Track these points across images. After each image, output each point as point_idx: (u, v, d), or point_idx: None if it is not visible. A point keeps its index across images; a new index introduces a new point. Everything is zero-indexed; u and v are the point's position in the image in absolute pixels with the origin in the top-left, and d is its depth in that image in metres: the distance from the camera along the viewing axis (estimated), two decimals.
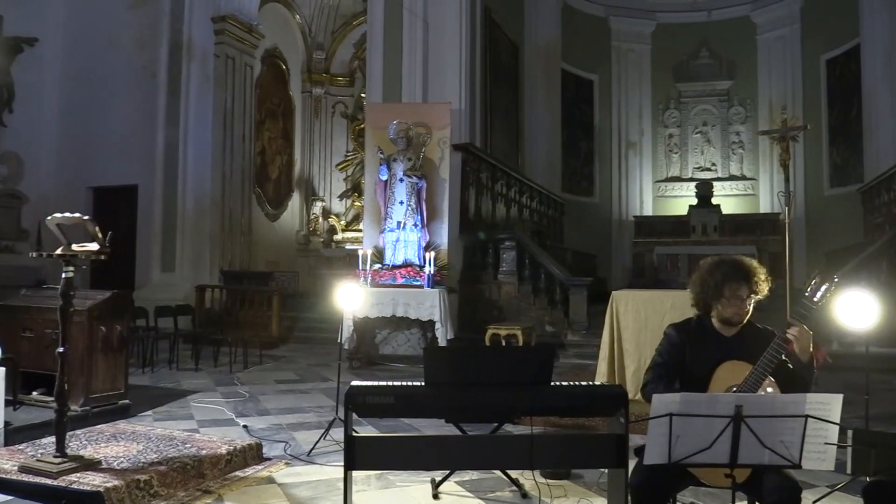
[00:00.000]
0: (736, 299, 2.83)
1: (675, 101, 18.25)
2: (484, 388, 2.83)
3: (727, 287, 2.83)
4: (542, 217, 15.01)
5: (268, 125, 15.37)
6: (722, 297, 2.85)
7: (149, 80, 12.55)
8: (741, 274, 2.84)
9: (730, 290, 2.83)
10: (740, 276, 2.84)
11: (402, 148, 9.06)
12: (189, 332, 9.43)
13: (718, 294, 2.86)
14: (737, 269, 2.86)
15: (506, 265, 10.11)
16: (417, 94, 10.31)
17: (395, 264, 8.89)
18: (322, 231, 16.70)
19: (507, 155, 13.79)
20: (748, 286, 2.83)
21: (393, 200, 8.98)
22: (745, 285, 2.83)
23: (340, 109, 17.30)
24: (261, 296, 10.90)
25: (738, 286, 2.83)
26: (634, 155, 18.27)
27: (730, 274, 2.85)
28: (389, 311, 8.43)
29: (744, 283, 2.83)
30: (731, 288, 2.83)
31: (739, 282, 2.83)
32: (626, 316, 5.99)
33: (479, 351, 4.56)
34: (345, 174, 17.17)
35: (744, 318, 2.86)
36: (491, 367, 2.90)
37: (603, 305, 6.35)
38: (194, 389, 6.90)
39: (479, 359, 3.01)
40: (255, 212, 14.36)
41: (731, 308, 2.84)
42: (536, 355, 3.07)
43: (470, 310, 9.97)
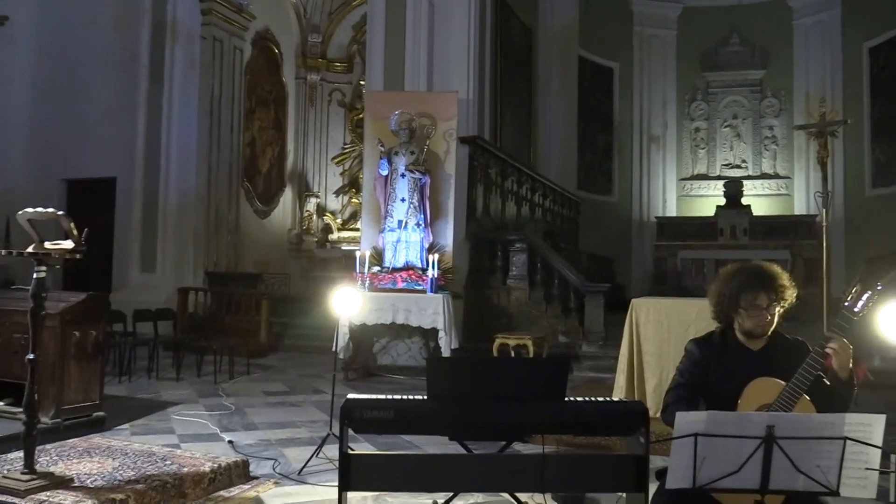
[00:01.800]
0: (755, 309, 2.81)
1: (703, 91, 18.22)
2: (491, 402, 2.82)
3: (744, 296, 2.82)
4: (555, 217, 14.99)
5: (258, 114, 15.39)
6: (739, 308, 2.84)
7: (129, 64, 12.59)
8: (759, 281, 2.82)
9: (747, 300, 2.81)
10: (758, 284, 2.81)
11: (405, 140, 9.07)
12: (170, 338, 9.44)
13: (735, 304, 2.85)
14: (754, 275, 2.84)
15: (516, 269, 10.10)
16: (421, 82, 10.31)
17: (395, 267, 8.89)
18: (316, 230, 16.72)
19: (518, 149, 13.79)
20: (767, 294, 2.81)
21: (394, 197, 8.98)
22: (764, 293, 2.81)
23: (337, 98, 17.33)
24: (249, 300, 10.91)
25: (756, 295, 2.80)
26: (657, 150, 18.25)
27: (746, 282, 2.83)
28: (389, 318, 8.43)
29: (762, 291, 2.81)
30: (749, 297, 2.81)
31: (757, 290, 2.81)
32: (647, 326, 5.98)
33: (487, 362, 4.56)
34: (342, 168, 17.19)
35: (766, 329, 2.85)
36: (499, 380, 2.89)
37: (621, 314, 6.34)
38: (175, 401, 6.90)
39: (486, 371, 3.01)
40: (244, 208, 14.39)
41: (751, 319, 2.83)
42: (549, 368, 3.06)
43: (476, 317, 9.96)
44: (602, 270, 15.08)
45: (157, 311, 9.07)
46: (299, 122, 16.90)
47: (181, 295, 10.94)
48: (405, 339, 9.05)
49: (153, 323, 8.78)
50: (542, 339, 8.78)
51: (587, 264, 13.99)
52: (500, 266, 10.19)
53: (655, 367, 5.92)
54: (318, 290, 12.87)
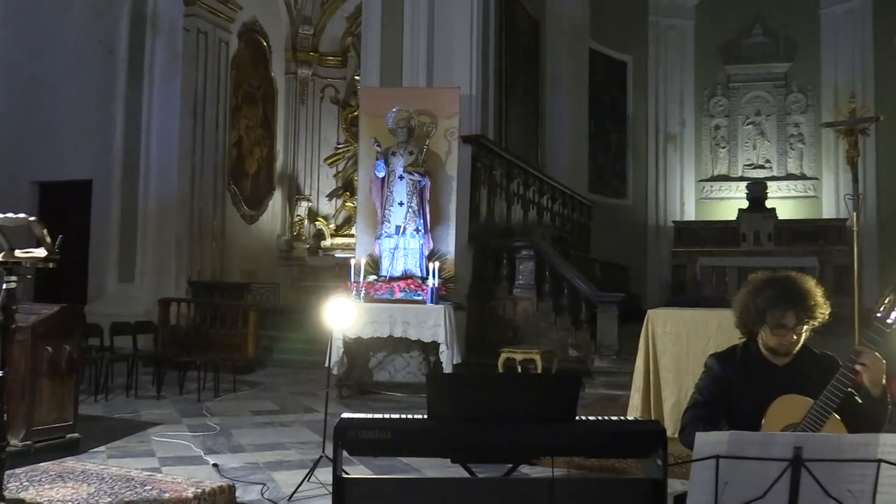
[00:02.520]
0: (780, 329, 2.80)
1: (723, 86, 18.27)
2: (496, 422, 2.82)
3: (770, 314, 2.80)
4: (565, 222, 15.00)
5: (245, 112, 15.43)
6: (764, 325, 2.83)
7: (105, 58, 12.62)
8: (790, 299, 2.79)
9: (773, 318, 2.79)
10: (788, 302, 2.78)
11: (403, 140, 9.08)
12: (150, 353, 9.43)
13: (760, 320, 2.84)
14: (785, 292, 2.81)
15: (522, 278, 10.10)
16: (421, 78, 10.34)
17: (392, 276, 8.89)
18: (308, 236, 16.73)
19: (524, 149, 13.80)
20: (796, 313, 2.79)
21: (391, 201, 8.99)
22: (793, 312, 2.78)
23: (330, 94, 17.36)
24: (235, 311, 10.91)
25: (784, 314, 2.78)
26: (674, 150, 18.28)
27: (775, 299, 2.80)
28: (386, 331, 8.43)
29: (790, 311, 2.78)
30: (776, 315, 2.79)
31: (786, 308, 2.78)
32: (665, 339, 5.98)
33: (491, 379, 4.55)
34: (335, 170, 17.21)
35: (792, 349, 2.84)
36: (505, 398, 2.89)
37: (636, 326, 6.34)
38: (156, 421, 6.90)
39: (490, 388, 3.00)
40: (230, 213, 14.40)
41: (775, 338, 2.82)
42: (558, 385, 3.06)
43: (480, 330, 9.96)
44: (615, 279, 15.07)
45: (137, 324, 9.06)
46: (289, 121, 16.93)
47: (162, 306, 10.94)
48: (403, 354, 9.04)
49: (132, 337, 8.77)
50: (550, 353, 8.77)
51: (599, 273, 13.99)
52: (506, 275, 10.19)
53: (673, 383, 5.91)
54: (309, 301, 12.86)
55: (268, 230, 16.07)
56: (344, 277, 9.52)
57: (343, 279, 9.75)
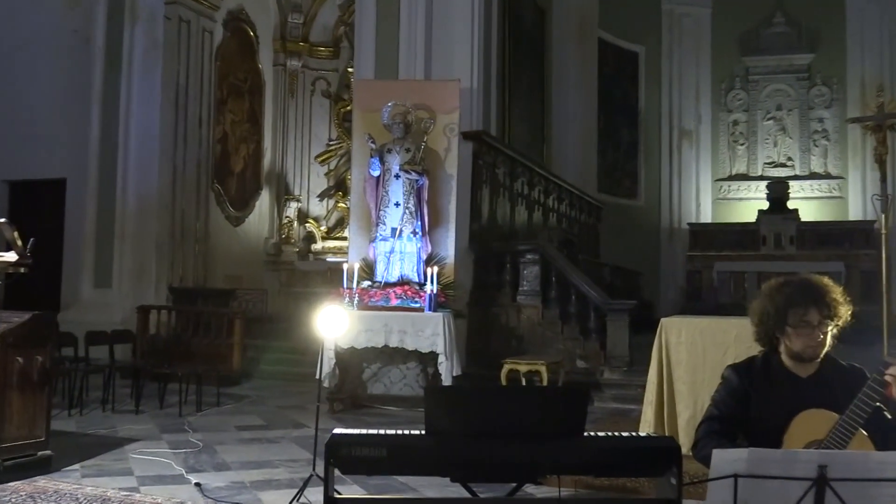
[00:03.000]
0: (804, 327, 2.82)
1: (742, 79, 18.29)
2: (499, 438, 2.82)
3: (792, 313, 2.83)
4: (572, 224, 15.00)
5: (231, 106, 15.44)
6: (787, 326, 2.85)
7: (81, 48, 12.62)
8: (809, 295, 2.84)
9: (795, 317, 2.82)
10: (808, 298, 2.83)
11: (399, 136, 9.09)
12: (128, 364, 9.42)
13: (782, 322, 2.85)
14: (803, 289, 2.85)
15: (527, 284, 10.09)
16: (418, 70, 10.34)
17: (388, 281, 8.89)
18: (297, 239, 16.73)
19: (529, 146, 13.81)
20: (819, 309, 2.82)
21: (386, 202, 9.00)
22: (815, 309, 2.82)
23: (322, 87, 17.38)
24: (219, 319, 10.90)
25: (806, 310, 2.82)
26: (690, 147, 18.29)
27: (794, 296, 2.84)
28: (381, 341, 8.42)
29: (812, 307, 2.82)
30: (797, 313, 2.82)
31: (807, 305, 2.82)
32: (679, 349, 5.97)
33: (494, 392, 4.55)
34: (326, 168, 17.21)
35: (819, 351, 2.85)
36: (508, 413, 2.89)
37: (649, 336, 6.33)
38: (134, 437, 6.89)
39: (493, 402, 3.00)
40: (214, 214, 14.40)
41: (801, 339, 2.83)
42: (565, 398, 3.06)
43: (482, 339, 9.96)
44: (627, 285, 15.08)
45: (114, 333, 9.05)
46: (278, 115, 16.93)
47: (141, 314, 10.93)
48: (399, 365, 9.03)
49: (109, 346, 8.75)
50: (557, 364, 8.76)
51: (609, 278, 13.99)
52: (509, 280, 10.19)
53: (689, 396, 5.90)
54: (299, 309, 12.84)
55: (254, 232, 16.07)
56: (336, 283, 9.51)
57: (335, 285, 9.74)
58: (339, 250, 15.87)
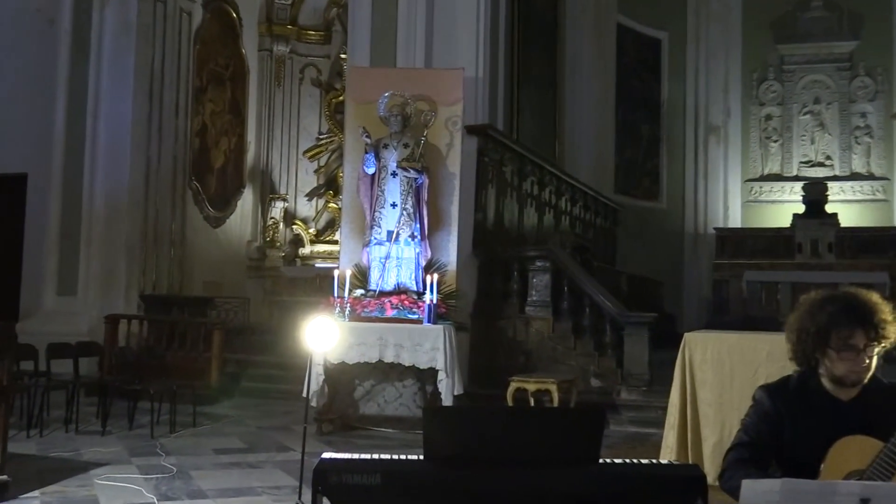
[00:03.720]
0: (848, 351, 2.79)
1: (776, 69, 18.29)
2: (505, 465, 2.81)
3: (835, 334, 2.79)
4: (587, 228, 15.00)
5: (211, 95, 15.46)
6: (828, 349, 2.82)
7: (45, 29, 12.61)
8: (855, 315, 2.80)
9: (839, 339, 2.79)
10: (853, 319, 2.79)
11: (397, 130, 9.09)
12: (95, 379, 9.41)
13: (823, 343, 2.83)
14: (849, 307, 2.81)
15: (536, 294, 10.10)
16: (418, 57, 10.35)
17: (383, 290, 8.88)
18: (283, 242, 16.74)
19: (540, 142, 13.82)
20: (865, 332, 2.78)
21: (382, 202, 8.99)
22: (861, 331, 2.78)
23: (311, 75, 17.41)
24: (196, 331, 10.90)
25: (851, 332, 2.78)
26: (717, 144, 18.30)
27: (838, 316, 2.80)
28: (375, 355, 8.41)
29: (858, 328, 2.78)
30: (841, 336, 2.78)
31: (852, 326, 2.78)
32: (704, 368, 5.97)
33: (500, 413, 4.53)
34: (316, 164, 17.24)
35: (863, 376, 2.83)
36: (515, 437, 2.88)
37: (671, 352, 6.33)
38: (100, 461, 6.87)
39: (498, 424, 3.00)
40: (191, 214, 14.41)
41: (843, 364, 2.80)
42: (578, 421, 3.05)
43: (486, 355, 9.96)
44: (647, 296, 15.07)
45: (79, 346, 9.04)
46: (263, 106, 16.96)
47: (110, 324, 10.92)
48: (395, 383, 9.03)
49: (73, 360, 8.74)
50: (569, 383, 8.76)
51: (627, 288, 13.99)
52: (517, 290, 10.19)
53: (715, 420, 5.90)
54: (284, 320, 12.84)
55: (236, 235, 16.08)
56: (325, 291, 9.51)
57: (324, 293, 9.74)
58: (330, 255, 15.89)
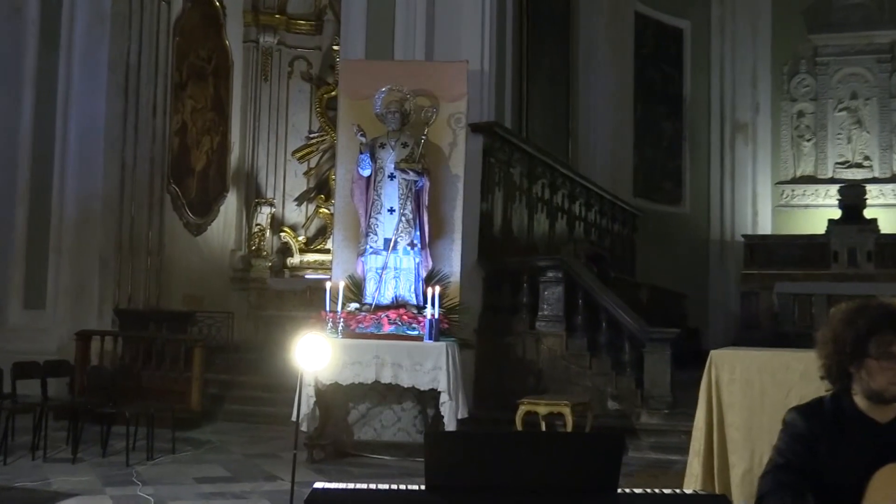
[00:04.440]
0: (889, 360, 2.80)
1: (809, 61, 18.27)
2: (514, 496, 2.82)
3: (875, 341, 2.81)
4: (603, 235, 15.00)
5: (191, 91, 15.48)
6: (867, 358, 2.83)
7: (11, 18, 12.60)
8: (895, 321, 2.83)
9: (879, 346, 2.80)
10: (894, 325, 2.82)
11: (395, 128, 9.09)
12: (65, 402, 9.40)
13: (861, 353, 2.83)
14: (887, 314, 2.84)
15: (548, 307, 10.09)
16: (418, 49, 10.37)
17: (380, 304, 8.88)
18: (270, 251, 16.73)
19: (551, 141, 13.84)
20: None
21: (379, 207, 9.00)
22: None
23: (301, 68, 17.42)
24: (175, 348, 10.89)
25: (892, 339, 2.80)
26: (745, 143, 18.29)
27: (878, 321, 2.82)
28: (371, 376, 8.41)
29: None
30: (882, 342, 2.80)
31: (894, 333, 2.81)
32: (732, 388, 5.96)
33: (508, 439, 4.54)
34: (306, 166, 17.24)
35: None
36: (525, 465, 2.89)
37: (696, 371, 6.32)
38: (71, 491, 6.86)
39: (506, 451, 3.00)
40: (170, 221, 14.41)
41: (883, 375, 2.81)
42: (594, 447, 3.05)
43: (493, 375, 9.96)
44: (669, 310, 15.06)
45: (47, 365, 9.03)
46: (248, 103, 16.97)
47: (81, 342, 10.92)
48: (393, 406, 9.02)
49: (41, 381, 8.74)
50: (584, 405, 8.75)
51: (647, 301, 13.98)
52: (527, 303, 10.19)
53: (744, 445, 5.89)
54: (271, 336, 12.84)
55: (219, 244, 16.08)
56: (316, 305, 9.51)
57: (315, 307, 9.74)
58: (321, 265, 15.89)
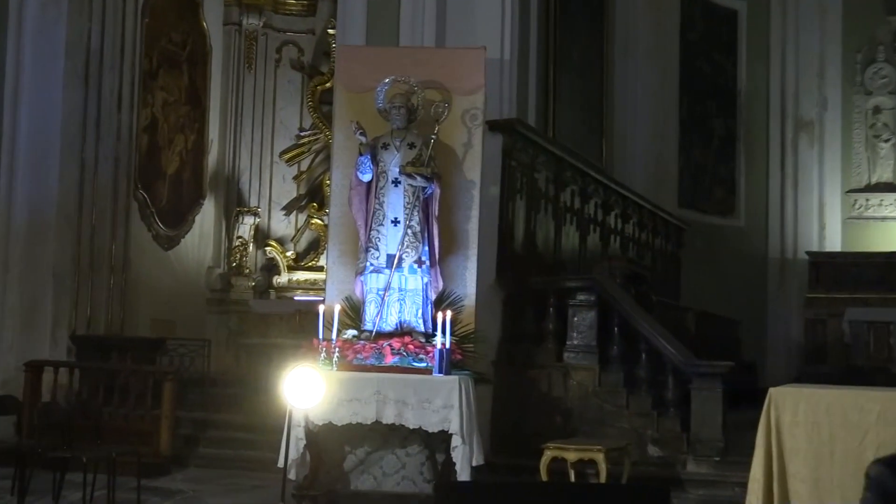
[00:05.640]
0: None
1: (887, 47, 18.23)
2: None
3: None
4: (643, 251, 14.98)
5: (163, 81, 15.52)
6: None
7: None
8: None
9: None
10: None
11: (400, 126, 9.08)
12: (11, 444, 9.42)
13: None
14: None
15: (578, 336, 10.07)
16: (427, 34, 10.39)
17: (381, 331, 8.87)
18: (254, 269, 16.74)
19: (583, 141, 13.84)
20: None
21: (381, 218, 8.99)
22: None
23: (291, 56, 17.45)
24: (142, 382, 10.90)
25: None
26: (810, 144, 18.24)
27: None
28: (371, 415, 8.39)
29: None
30: None
31: None
32: (796, 432, 5.95)
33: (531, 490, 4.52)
34: (296, 169, 17.26)
35: None
36: None
37: (752, 412, 6.32)
38: None
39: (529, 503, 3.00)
40: (137, 232, 14.43)
41: None
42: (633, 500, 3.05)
43: (514, 414, 9.96)
44: (720, 339, 15.03)
45: None
46: (229, 95, 16.99)
47: (31, 373, 10.94)
48: (397, 450, 9.01)
49: None
50: (620, 451, 8.73)
51: (695, 328, 13.94)
52: (553, 330, 10.18)
53: (810, 501, 5.87)
54: (254, 368, 12.84)
55: (194, 259, 16.10)
56: (308, 332, 9.51)
57: (306, 335, 9.74)
58: (313, 286, 15.89)
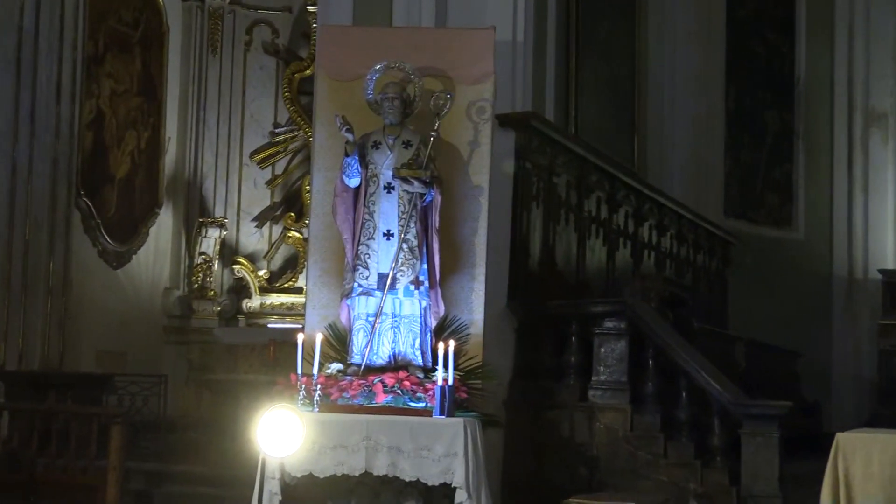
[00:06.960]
0: None
1: None
2: None
3: None
4: (683, 270, 15.00)
5: (111, 67, 15.56)
6: None
7: None
8: None
9: None
10: None
11: (394, 122, 9.11)
12: None
13: None
14: None
15: (606, 370, 10.08)
16: (426, 12, 10.45)
17: (372, 364, 8.89)
18: (219, 291, 16.77)
19: (610, 140, 13.87)
20: None
21: (371, 230, 9.00)
22: None
23: (263, 37, 17.50)
24: (86, 427, 10.91)
25: None
26: (883, 141, 18.25)
27: None
28: (359, 464, 8.39)
29: None
30: None
31: None
32: (868, 486, 5.97)
33: None
34: (270, 173, 17.29)
35: None
36: None
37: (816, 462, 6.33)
38: None
39: None
40: (80, 247, 14.47)
41: None
42: None
43: (529, 464, 9.99)
44: (776, 375, 15.03)
45: None
46: (191, 84, 17.04)
47: None
48: None
49: None
50: None
51: (746, 361, 13.94)
52: (576, 364, 10.20)
53: None
54: (220, 409, 12.86)
55: (148, 280, 16.14)
56: (284, 366, 9.52)
57: (283, 369, 9.75)
58: (290, 310, 15.93)
